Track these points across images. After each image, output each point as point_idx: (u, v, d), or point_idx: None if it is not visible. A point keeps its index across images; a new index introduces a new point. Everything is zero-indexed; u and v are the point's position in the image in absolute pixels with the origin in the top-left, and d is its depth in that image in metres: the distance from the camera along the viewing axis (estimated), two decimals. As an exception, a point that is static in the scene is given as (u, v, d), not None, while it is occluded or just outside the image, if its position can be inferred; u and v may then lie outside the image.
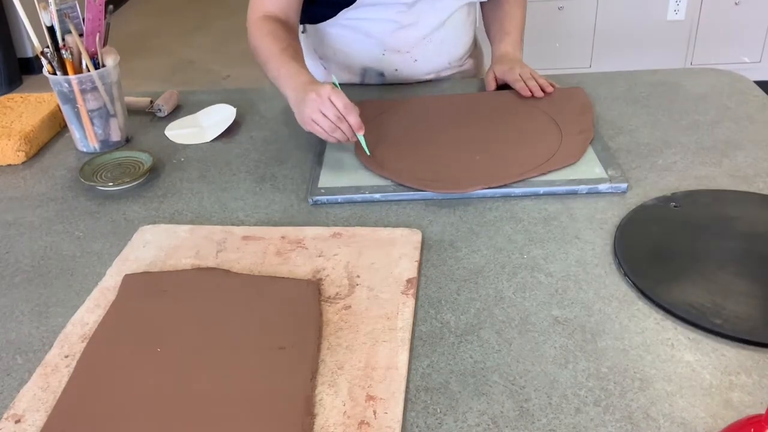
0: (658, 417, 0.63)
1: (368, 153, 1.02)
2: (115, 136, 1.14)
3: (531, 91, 1.18)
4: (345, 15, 1.23)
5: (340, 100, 0.96)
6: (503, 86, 1.24)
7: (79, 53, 1.07)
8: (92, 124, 1.11)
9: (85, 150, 1.14)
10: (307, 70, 1.07)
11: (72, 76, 1.07)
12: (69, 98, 1.09)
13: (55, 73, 1.08)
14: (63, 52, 1.06)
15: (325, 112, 0.97)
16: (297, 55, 1.10)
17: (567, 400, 0.65)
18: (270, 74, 1.12)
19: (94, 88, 1.09)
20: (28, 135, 1.12)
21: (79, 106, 1.09)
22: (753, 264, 0.79)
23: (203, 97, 1.30)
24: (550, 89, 1.18)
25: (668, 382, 0.66)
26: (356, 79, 1.33)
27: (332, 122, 0.97)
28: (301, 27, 1.31)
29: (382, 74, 1.30)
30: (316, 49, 1.33)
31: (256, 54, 1.15)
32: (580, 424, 0.62)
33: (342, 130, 0.98)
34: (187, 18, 4.61)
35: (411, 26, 1.24)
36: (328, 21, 1.26)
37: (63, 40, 1.07)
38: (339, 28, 1.26)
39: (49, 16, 1.06)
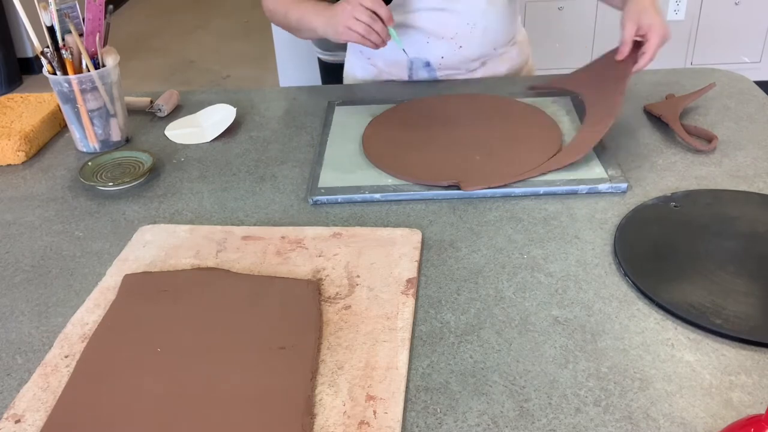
0: (658, 417, 0.63)
1: (402, 47, 1.10)
2: (115, 136, 1.14)
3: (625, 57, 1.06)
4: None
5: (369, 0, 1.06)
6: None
7: (79, 53, 1.07)
8: (92, 124, 1.11)
9: (85, 150, 1.14)
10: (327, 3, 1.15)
11: (72, 76, 1.07)
12: (69, 98, 1.09)
13: (55, 73, 1.08)
14: (63, 52, 1.06)
15: (358, 15, 1.06)
16: None
17: (567, 400, 0.65)
18: (292, 22, 1.20)
19: (94, 88, 1.09)
20: (28, 135, 1.12)
21: (79, 106, 1.09)
22: (753, 264, 0.79)
23: (203, 97, 1.30)
24: (639, 67, 1.05)
25: (668, 382, 0.66)
26: (404, 74, 1.32)
27: (366, 24, 1.07)
28: None
29: (428, 63, 1.29)
30: (362, 50, 1.34)
31: (273, 13, 1.24)
32: (580, 424, 0.62)
33: (377, 32, 1.08)
34: (187, 18, 4.61)
35: (454, 12, 1.24)
36: None
37: (63, 40, 1.07)
38: None
39: (49, 16, 1.06)
